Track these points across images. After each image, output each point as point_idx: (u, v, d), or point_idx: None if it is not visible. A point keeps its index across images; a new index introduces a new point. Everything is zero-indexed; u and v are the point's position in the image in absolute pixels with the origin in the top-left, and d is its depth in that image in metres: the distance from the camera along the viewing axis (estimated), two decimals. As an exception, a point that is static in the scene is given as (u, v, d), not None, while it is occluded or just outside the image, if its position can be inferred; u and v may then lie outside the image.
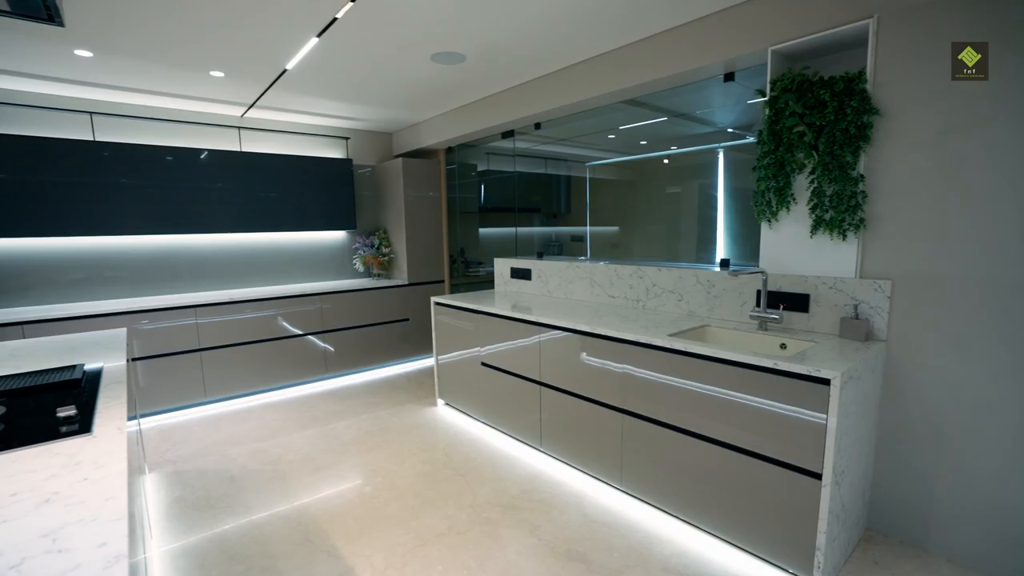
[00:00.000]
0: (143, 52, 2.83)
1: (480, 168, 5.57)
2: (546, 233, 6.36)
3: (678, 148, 4.89)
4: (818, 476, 1.75)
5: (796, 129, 2.15)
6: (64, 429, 1.28)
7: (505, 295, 3.82)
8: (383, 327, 4.78)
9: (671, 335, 2.28)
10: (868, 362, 1.93)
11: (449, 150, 5.06)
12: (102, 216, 3.69)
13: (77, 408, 1.40)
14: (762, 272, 2.35)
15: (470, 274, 5.57)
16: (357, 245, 4.99)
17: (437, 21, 2.51)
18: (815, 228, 2.21)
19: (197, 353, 3.83)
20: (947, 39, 1.83)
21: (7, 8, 1.75)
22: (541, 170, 5.86)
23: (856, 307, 2.12)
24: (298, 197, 4.56)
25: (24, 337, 3.20)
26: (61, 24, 1.87)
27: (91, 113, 3.68)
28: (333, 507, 2.47)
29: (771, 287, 2.40)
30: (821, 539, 1.76)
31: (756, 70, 2.66)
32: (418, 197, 4.93)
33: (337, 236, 5.03)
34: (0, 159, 3.30)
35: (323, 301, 4.40)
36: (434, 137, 4.64)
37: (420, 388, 4.30)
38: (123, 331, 2.62)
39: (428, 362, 5.10)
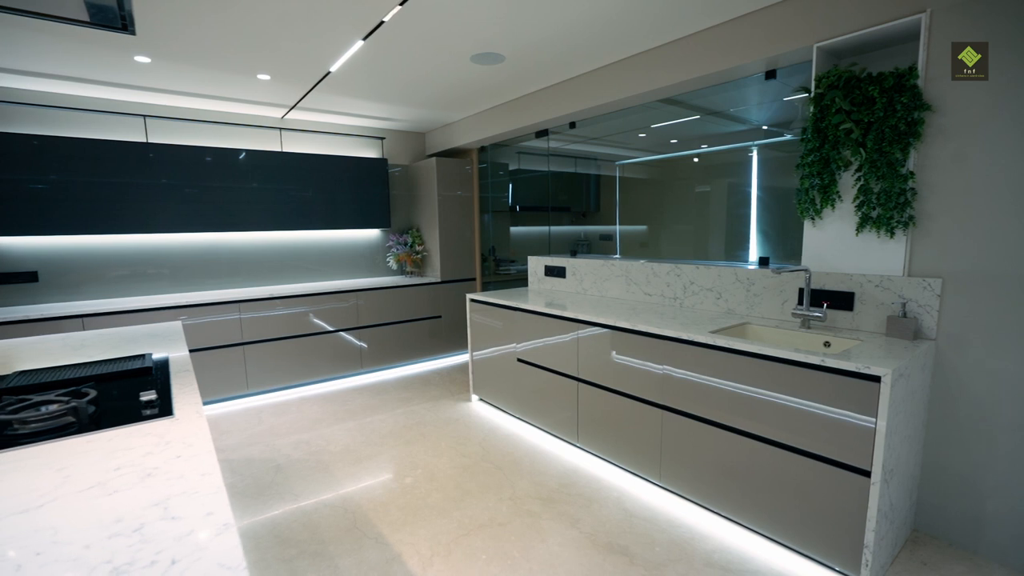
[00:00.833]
0: (197, 57, 2.96)
1: (511, 167, 5.61)
2: (575, 232, 6.38)
3: (708, 146, 4.86)
4: (867, 474, 1.75)
5: (843, 126, 2.14)
6: (148, 412, 1.36)
7: (539, 292, 3.85)
8: (416, 324, 4.86)
9: (713, 332, 2.29)
10: (917, 360, 1.91)
11: (482, 149, 5.12)
12: (151, 214, 3.85)
13: (156, 393, 1.49)
14: (805, 270, 2.34)
15: (500, 272, 5.62)
16: (391, 243, 5.09)
17: (480, 22, 2.57)
18: (861, 226, 2.20)
19: (240, 347, 3.97)
20: (1002, 33, 1.81)
21: (87, 19, 1.86)
22: (571, 169, 5.88)
23: (904, 305, 2.10)
24: (335, 196, 4.67)
25: (84, 329, 3.36)
26: (133, 32, 1.97)
27: (145, 116, 3.85)
28: (376, 496, 2.54)
29: (814, 285, 2.39)
30: (869, 537, 1.76)
31: (796, 67, 2.65)
32: (451, 196, 5.01)
33: (371, 234, 5.14)
34: (60, 160, 3.48)
35: (358, 298, 4.50)
36: (467, 137, 4.71)
37: (453, 384, 4.37)
38: (178, 324, 2.74)
39: (460, 359, 5.17)
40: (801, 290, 2.45)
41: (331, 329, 4.37)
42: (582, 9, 2.43)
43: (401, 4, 2.32)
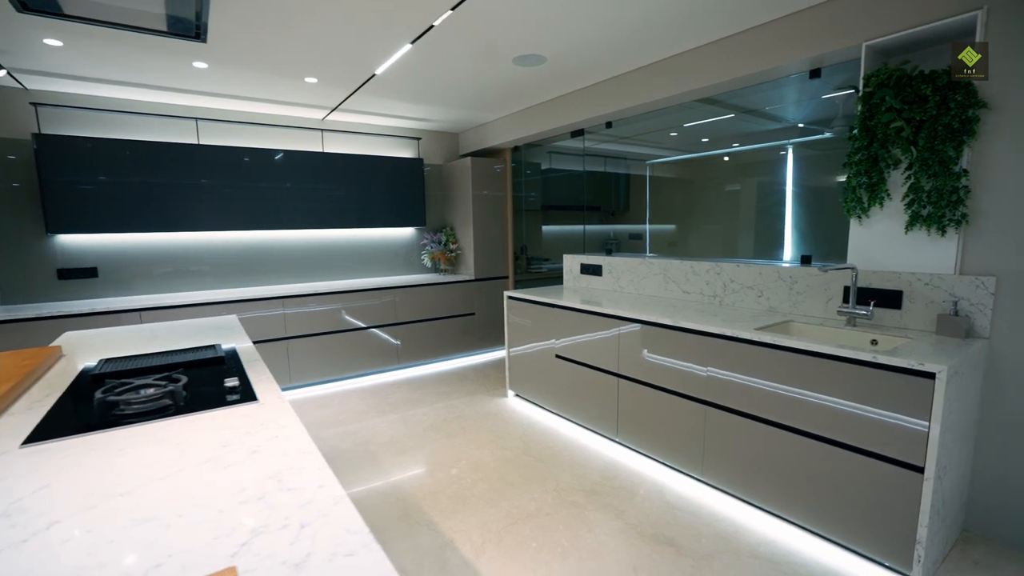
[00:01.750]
0: (251, 62, 3.08)
1: (543, 167, 5.67)
2: (604, 231, 6.40)
3: (739, 145, 4.84)
4: (920, 470, 1.76)
5: (893, 125, 2.14)
6: (231, 397, 1.46)
7: (575, 290, 3.90)
8: (450, 320, 4.96)
9: (758, 329, 2.32)
10: (971, 359, 1.91)
11: (515, 149, 5.19)
12: (199, 213, 4.00)
13: (238, 380, 1.59)
14: (852, 268, 2.35)
15: (532, 270, 5.69)
16: (425, 241, 5.19)
17: (525, 24, 2.62)
18: (911, 224, 2.19)
19: (284, 341, 4.11)
20: (1063, 30, 1.80)
21: (165, 29, 1.98)
22: (601, 168, 5.90)
23: (955, 304, 2.10)
24: (373, 195, 4.79)
25: (141, 321, 3.53)
26: (204, 40, 2.09)
27: (197, 119, 4.01)
28: (425, 486, 2.63)
29: (860, 283, 2.39)
30: (922, 532, 1.77)
31: (839, 66, 2.64)
32: (485, 195, 5.09)
33: (406, 232, 5.25)
34: (118, 162, 3.65)
35: (395, 295, 4.61)
36: (502, 136, 4.78)
37: (488, 380, 4.44)
38: (234, 317, 2.87)
39: (493, 355, 5.25)
40: (847, 288, 2.46)
41: (369, 325, 4.49)
42: (626, 11, 2.47)
43: (452, 9, 2.40)
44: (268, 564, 0.72)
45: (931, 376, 1.72)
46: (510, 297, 3.83)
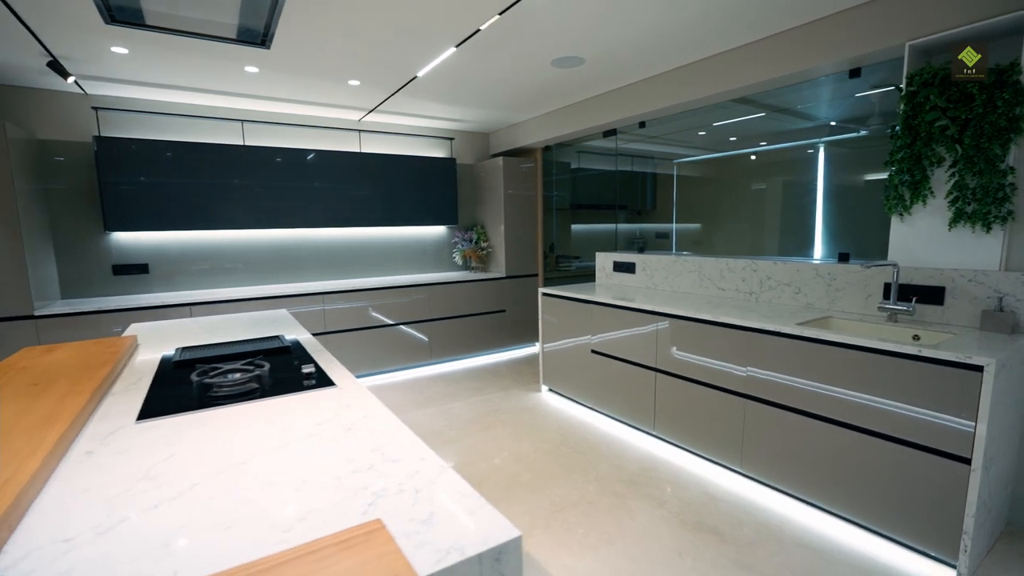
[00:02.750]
0: (301, 66, 3.20)
1: (572, 166, 5.74)
2: (630, 230, 6.45)
3: (767, 143, 4.85)
4: (967, 461, 1.80)
5: (938, 123, 2.17)
6: (310, 382, 1.56)
7: (608, 287, 3.97)
8: (481, 317, 5.05)
9: (800, 323, 2.36)
10: (1018, 353, 1.93)
11: (546, 148, 5.26)
12: (243, 212, 4.15)
13: (313, 367, 1.69)
14: (894, 264, 2.38)
15: (560, 268, 5.76)
16: (456, 239, 5.30)
17: (568, 27, 2.70)
18: (955, 221, 2.22)
19: (323, 336, 4.24)
20: (1114, 29, 1.81)
21: (234, 37, 2.10)
22: (628, 167, 5.95)
23: (1000, 300, 2.12)
24: (407, 194, 4.91)
25: (192, 315, 3.69)
26: (268, 47, 2.20)
27: (242, 121, 4.17)
28: (470, 475, 2.72)
29: (901, 280, 2.42)
30: (969, 523, 1.81)
31: (878, 65, 2.67)
32: (516, 194, 5.17)
33: (438, 230, 5.36)
34: (167, 163, 3.82)
35: (429, 292, 4.72)
36: (534, 136, 4.86)
37: (520, 375, 4.53)
38: (284, 311, 3.00)
39: (524, 351, 5.34)
40: (887, 284, 2.49)
41: (402, 321, 4.61)
42: (666, 13, 2.53)
43: (500, 14, 2.48)
44: (398, 521, 0.81)
45: (979, 369, 1.75)
46: (545, 294, 3.91)
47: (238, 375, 1.54)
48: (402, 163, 4.86)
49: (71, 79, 3.12)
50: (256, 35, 2.08)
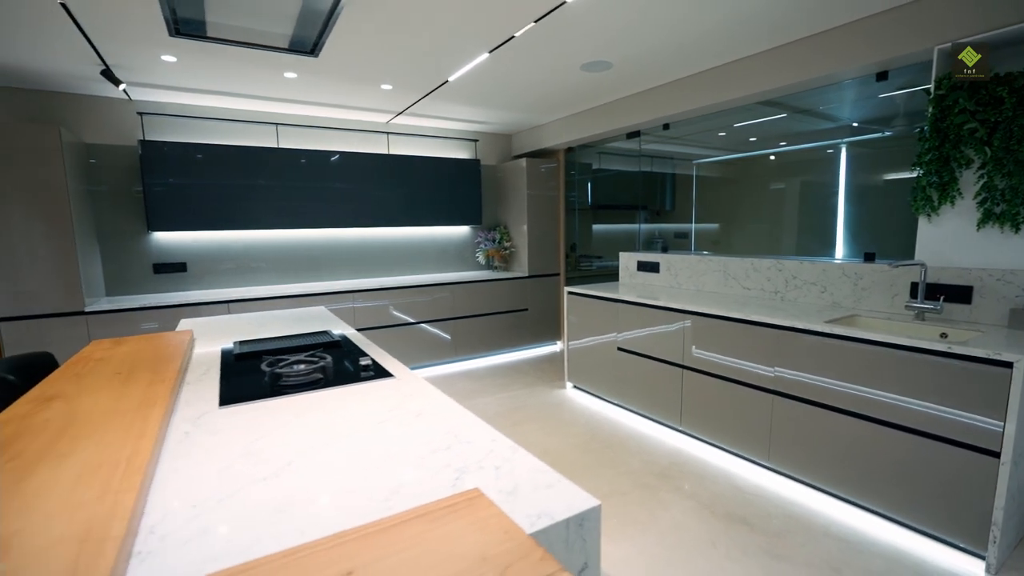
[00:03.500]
0: (338, 72, 3.31)
1: (593, 166, 5.82)
2: (649, 230, 6.51)
3: (786, 144, 4.89)
4: (996, 455, 1.85)
5: (967, 126, 2.22)
6: (365, 374, 1.66)
7: (632, 287, 4.04)
8: (504, 315, 5.15)
9: (828, 321, 2.42)
10: (1046, 351, 1.98)
11: (568, 150, 5.34)
12: (276, 212, 4.29)
13: (370, 360, 1.80)
14: (921, 264, 2.43)
15: (581, 268, 5.84)
16: (479, 239, 5.40)
17: (600, 33, 2.77)
18: (983, 221, 2.27)
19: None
20: None
21: (286, 47, 2.22)
22: (647, 168, 6.01)
23: (1029, 299, 2.17)
24: (433, 195, 5.02)
25: (229, 312, 3.83)
26: (317, 55, 2.32)
27: (277, 124, 4.31)
28: (502, 466, 2.81)
29: (929, 279, 2.47)
30: (998, 515, 1.86)
31: (905, 68, 2.71)
32: (538, 195, 5.26)
33: (462, 230, 5.47)
34: (204, 165, 3.97)
35: (453, 291, 4.83)
36: (557, 138, 4.94)
37: (543, 372, 4.62)
38: (322, 308, 3.12)
39: (545, 349, 5.43)
40: (914, 284, 2.54)
41: (427, 319, 4.72)
42: (694, 17, 2.60)
43: (536, 21, 2.57)
44: (487, 492, 0.90)
45: (1008, 365, 1.81)
46: (571, 293, 3.99)
47: (303, 366, 1.64)
48: (429, 164, 4.98)
49: (121, 87, 3.27)
50: (307, 44, 2.19)
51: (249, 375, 1.66)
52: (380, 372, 1.68)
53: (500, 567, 0.64)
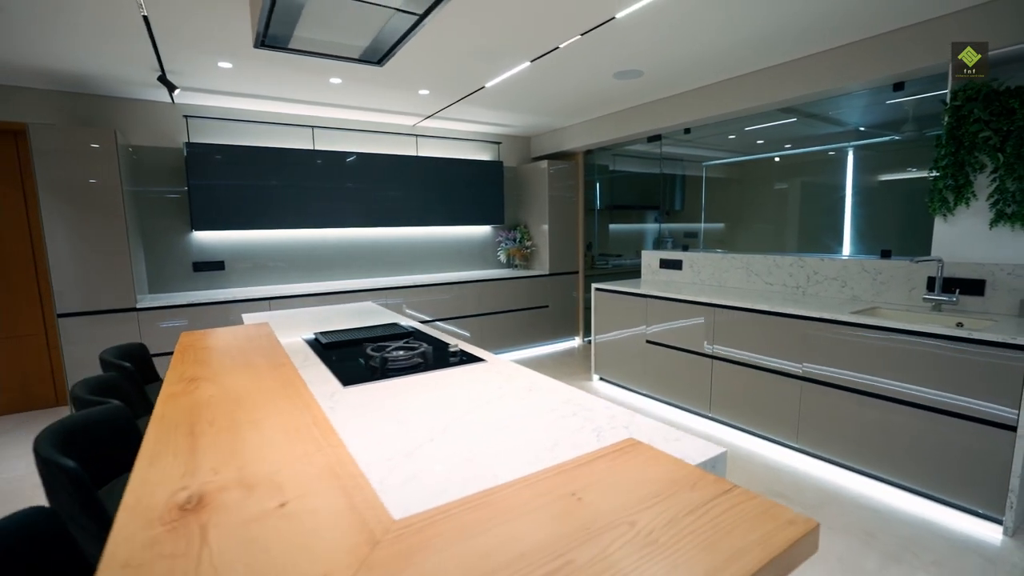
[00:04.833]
0: (380, 78, 3.47)
1: (609, 168, 6.03)
2: (658, 230, 6.74)
3: (793, 147, 5.13)
4: (1012, 428, 2.07)
5: (982, 135, 2.44)
6: (454, 359, 1.83)
7: (656, 283, 4.24)
8: (526, 312, 5.34)
9: (853, 312, 2.64)
10: (1055, 337, 2.21)
11: (587, 152, 5.54)
12: (310, 212, 4.43)
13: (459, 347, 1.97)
14: (938, 259, 2.65)
15: (598, 266, 6.05)
16: (501, 238, 5.58)
17: (637, 44, 2.96)
18: (995, 221, 2.49)
19: (384, 328, 4.53)
20: None
21: (357, 57, 2.38)
22: (657, 170, 6.24)
23: (1037, 291, 2.39)
24: (458, 195, 5.20)
25: (271, 309, 3.98)
26: (382, 65, 2.48)
27: (313, 127, 4.46)
28: (547, 450, 3.00)
29: (945, 274, 2.69)
30: (1015, 482, 2.08)
31: (920, 80, 2.94)
32: (558, 195, 5.46)
33: (484, 230, 5.65)
34: (243, 166, 4.11)
35: (476, 288, 5.01)
36: (577, 141, 5.14)
37: (566, 366, 4.81)
38: (370, 303, 3.28)
39: (565, 344, 5.63)
40: (930, 278, 2.76)
41: (451, 316, 4.89)
42: (725, 28, 2.80)
43: (582, 35, 2.76)
44: (628, 444, 1.08)
45: (1022, 348, 2.03)
46: (598, 289, 4.18)
47: (401, 352, 1.82)
48: (454, 166, 5.15)
49: (176, 91, 3.41)
50: (377, 55, 2.35)
51: (348, 361, 1.82)
52: (470, 358, 1.85)
53: (689, 483, 0.83)
